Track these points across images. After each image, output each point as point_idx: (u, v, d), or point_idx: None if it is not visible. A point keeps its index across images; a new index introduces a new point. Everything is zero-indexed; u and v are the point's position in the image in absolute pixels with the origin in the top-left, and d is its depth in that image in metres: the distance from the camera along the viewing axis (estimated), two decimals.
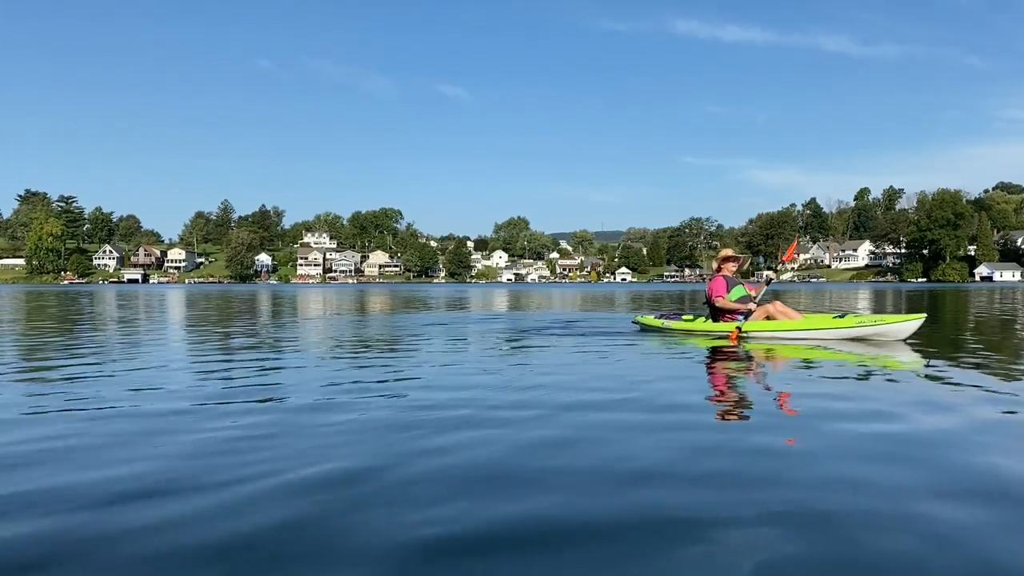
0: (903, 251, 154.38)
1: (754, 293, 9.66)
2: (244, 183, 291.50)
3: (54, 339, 9.87)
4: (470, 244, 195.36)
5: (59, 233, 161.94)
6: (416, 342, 9.27)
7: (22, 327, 12.92)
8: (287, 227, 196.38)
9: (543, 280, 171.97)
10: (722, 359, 7.23)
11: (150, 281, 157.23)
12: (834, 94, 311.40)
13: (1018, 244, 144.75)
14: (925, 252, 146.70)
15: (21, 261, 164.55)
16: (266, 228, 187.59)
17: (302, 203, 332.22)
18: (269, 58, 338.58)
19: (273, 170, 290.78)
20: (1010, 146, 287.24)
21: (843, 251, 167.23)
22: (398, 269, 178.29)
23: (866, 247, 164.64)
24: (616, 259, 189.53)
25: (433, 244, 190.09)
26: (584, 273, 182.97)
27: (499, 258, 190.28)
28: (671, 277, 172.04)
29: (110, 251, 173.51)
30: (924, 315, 8.87)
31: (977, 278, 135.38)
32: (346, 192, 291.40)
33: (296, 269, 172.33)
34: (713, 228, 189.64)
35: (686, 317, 10.31)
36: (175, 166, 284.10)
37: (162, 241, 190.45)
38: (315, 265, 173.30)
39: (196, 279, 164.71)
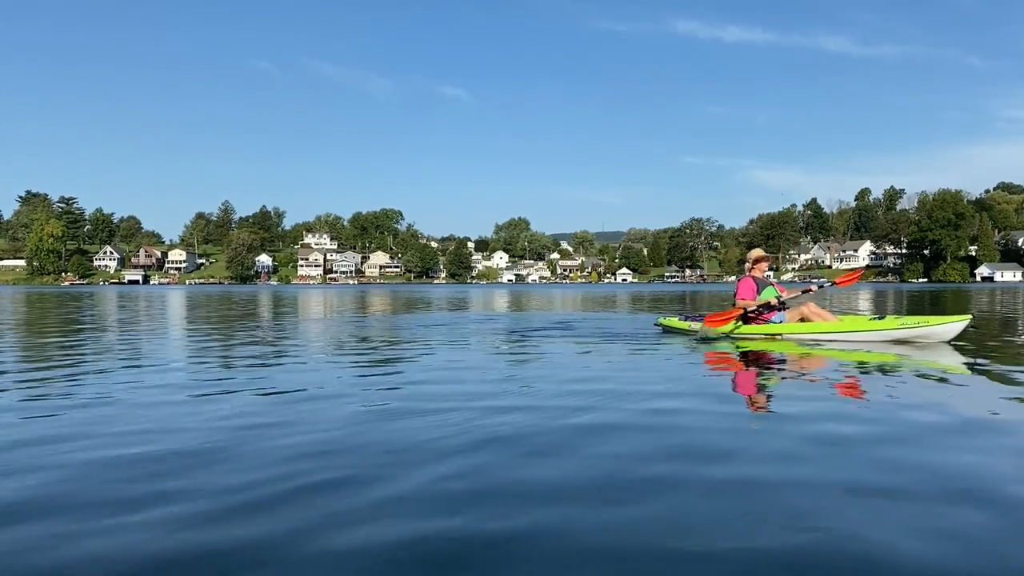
0: (904, 251, 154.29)
1: (785, 295, 9.35)
2: (245, 184, 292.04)
3: (56, 340, 9.86)
4: (471, 245, 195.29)
5: (60, 234, 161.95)
6: (432, 343, 9.24)
7: (28, 329, 12.91)
8: (288, 228, 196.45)
9: (544, 281, 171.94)
10: (761, 363, 6.94)
11: (151, 282, 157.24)
12: (835, 94, 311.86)
13: (1019, 244, 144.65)
14: (926, 252, 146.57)
15: (22, 262, 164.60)
16: (267, 229, 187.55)
17: (303, 204, 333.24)
18: (269, 59, 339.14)
19: (274, 171, 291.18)
20: (1011, 146, 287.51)
21: (844, 251, 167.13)
22: (399, 270, 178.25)
23: (867, 247, 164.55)
24: (617, 260, 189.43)
25: (434, 245, 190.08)
26: (585, 274, 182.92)
27: (500, 259, 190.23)
28: (672, 278, 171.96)
29: (111, 252, 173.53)
30: (970, 316, 8.48)
31: (978, 278, 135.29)
32: (347, 193, 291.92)
33: (297, 270, 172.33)
34: (714, 228, 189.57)
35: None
36: (176, 167, 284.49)
37: (163, 242, 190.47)
38: (316, 266, 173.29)
39: (197, 280, 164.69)
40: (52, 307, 23.00)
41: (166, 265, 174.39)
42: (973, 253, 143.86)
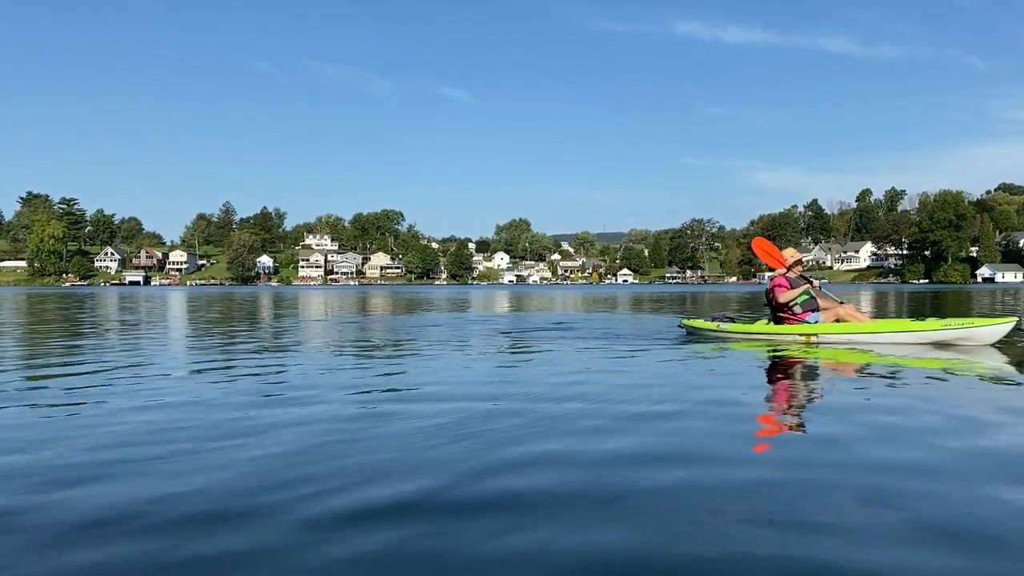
0: (905, 252, 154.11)
1: (821, 303, 9.08)
2: (245, 185, 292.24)
3: (59, 341, 9.85)
4: (471, 246, 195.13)
5: (61, 235, 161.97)
6: (449, 345, 9.23)
7: (27, 331, 12.91)
8: (288, 229, 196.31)
9: (544, 282, 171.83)
10: (804, 367, 6.72)
11: (152, 283, 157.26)
12: (835, 95, 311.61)
13: (1020, 245, 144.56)
14: (927, 253, 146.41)
15: (23, 263, 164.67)
16: (267, 230, 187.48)
17: (303, 205, 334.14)
18: (270, 60, 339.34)
19: (274, 172, 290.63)
20: (1012, 147, 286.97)
21: (845, 252, 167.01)
22: (399, 271, 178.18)
23: (868, 248, 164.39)
24: (618, 260, 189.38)
25: (434, 246, 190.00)
26: (586, 275, 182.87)
27: (501, 260, 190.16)
28: (673, 278, 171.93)
29: (112, 253, 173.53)
30: (1016, 318, 8.20)
31: (979, 279, 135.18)
32: (347, 194, 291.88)
33: (297, 271, 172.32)
34: (715, 229, 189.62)
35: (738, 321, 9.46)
36: (176, 168, 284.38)
37: (163, 243, 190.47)
38: (316, 267, 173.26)
39: (197, 281, 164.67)
40: (55, 307, 23.00)
41: (167, 266, 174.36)
42: (974, 254, 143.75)
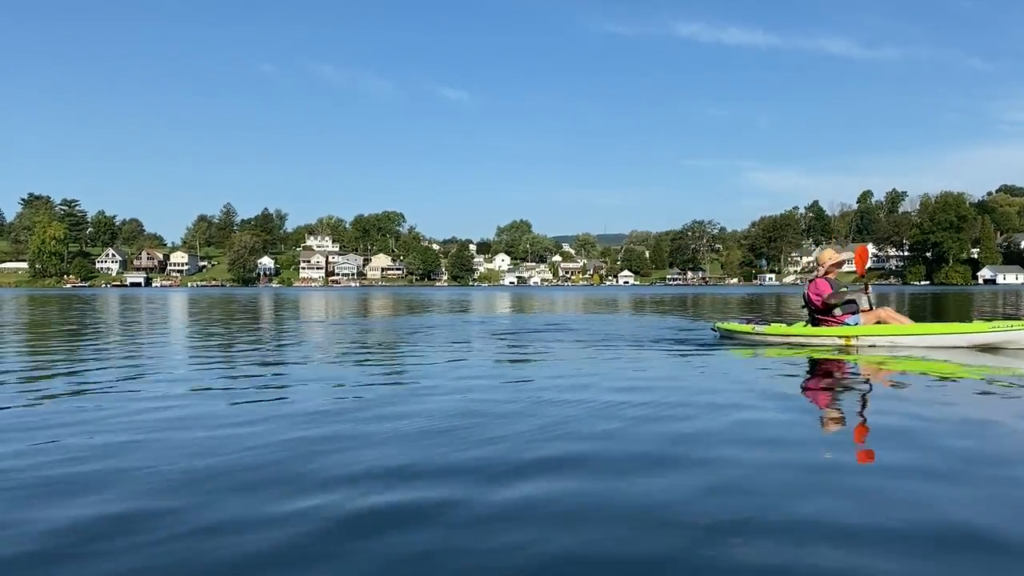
0: (906, 254, 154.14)
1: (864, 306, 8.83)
2: (247, 186, 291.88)
3: (61, 344, 9.86)
4: (472, 247, 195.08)
5: (62, 237, 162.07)
6: (467, 347, 9.23)
7: (30, 334, 12.92)
8: (290, 230, 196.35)
9: (546, 283, 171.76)
10: (842, 372, 6.53)
11: (153, 285, 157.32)
12: (836, 97, 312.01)
13: (1021, 247, 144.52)
14: (928, 255, 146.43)
15: (24, 265, 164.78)
16: (268, 231, 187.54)
17: (304, 206, 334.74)
18: (271, 62, 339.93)
19: (276, 173, 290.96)
20: (1013, 148, 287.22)
21: None
22: (400, 272, 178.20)
23: (869, 250, 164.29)
24: (619, 262, 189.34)
25: (435, 247, 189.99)
26: (587, 276, 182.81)
27: (502, 261, 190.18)
28: (674, 280, 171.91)
29: (113, 255, 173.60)
30: None
31: (980, 281, 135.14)
32: (348, 195, 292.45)
33: (298, 272, 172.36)
34: (716, 231, 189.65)
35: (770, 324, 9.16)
36: (178, 170, 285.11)
37: (164, 244, 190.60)
38: (317, 268, 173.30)
39: (198, 282, 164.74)
40: (56, 309, 23.03)
41: (168, 267, 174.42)
42: (975, 256, 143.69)
